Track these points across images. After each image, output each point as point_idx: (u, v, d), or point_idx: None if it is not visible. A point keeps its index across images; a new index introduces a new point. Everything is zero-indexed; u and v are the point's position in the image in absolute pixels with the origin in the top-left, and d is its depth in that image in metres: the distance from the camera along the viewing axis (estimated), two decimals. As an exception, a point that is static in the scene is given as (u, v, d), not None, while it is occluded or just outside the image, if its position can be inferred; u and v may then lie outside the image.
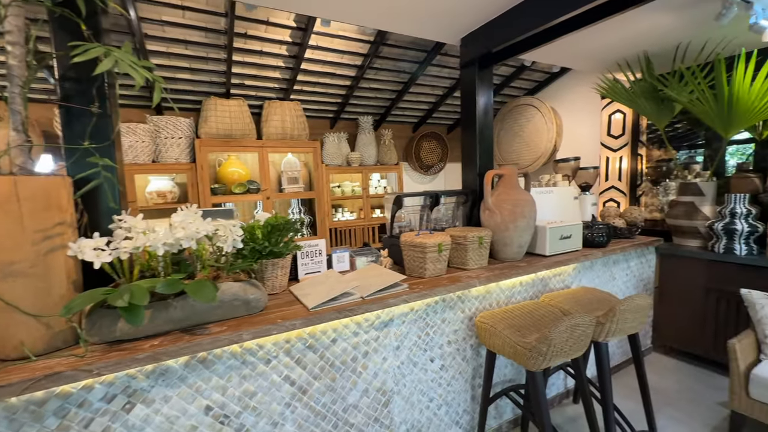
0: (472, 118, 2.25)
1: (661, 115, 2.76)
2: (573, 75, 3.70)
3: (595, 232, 2.35)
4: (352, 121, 4.22)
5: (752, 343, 1.90)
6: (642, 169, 3.27)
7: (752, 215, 2.31)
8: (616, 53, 2.64)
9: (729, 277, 2.35)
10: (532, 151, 4.03)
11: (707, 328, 2.47)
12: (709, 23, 2.05)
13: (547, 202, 2.48)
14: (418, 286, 1.62)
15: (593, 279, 2.35)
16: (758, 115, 2.19)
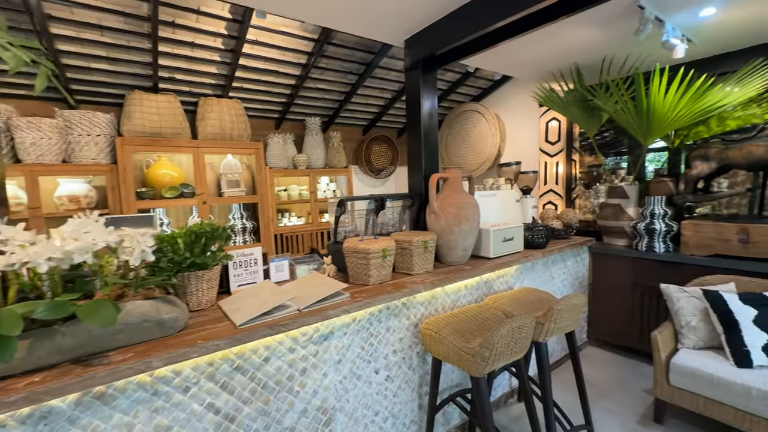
0: (417, 121, 2.23)
1: (591, 124, 2.96)
2: (514, 83, 3.87)
3: (536, 233, 2.43)
4: (298, 122, 4.06)
5: (671, 333, 2.07)
6: (576, 174, 3.49)
7: (668, 216, 2.53)
8: (551, 64, 2.79)
9: (651, 272, 2.56)
10: (478, 156, 4.15)
11: (634, 320, 2.67)
12: (630, 38, 2.22)
13: (490, 205, 2.53)
14: (361, 294, 1.53)
15: (534, 279, 2.43)
16: (671, 125, 2.42)
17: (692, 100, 2.27)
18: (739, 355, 1.81)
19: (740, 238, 2.21)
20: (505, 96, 4.00)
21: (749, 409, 1.67)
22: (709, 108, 2.29)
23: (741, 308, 1.88)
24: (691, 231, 2.40)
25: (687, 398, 1.87)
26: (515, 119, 3.91)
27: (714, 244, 2.31)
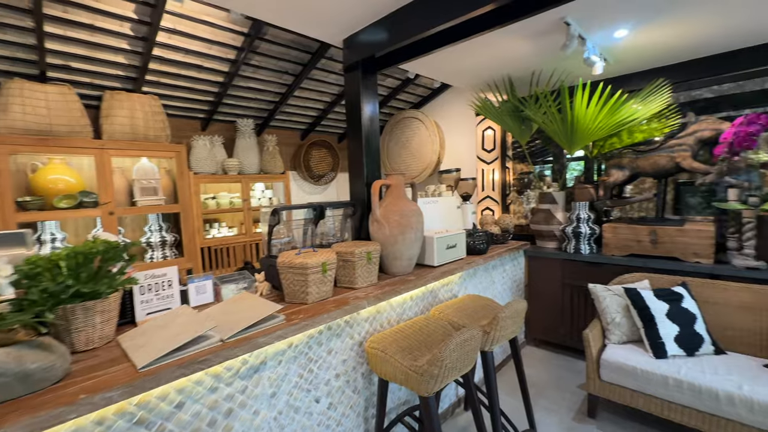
0: (357, 125, 2.12)
1: (523, 133, 3.12)
2: (452, 92, 3.97)
3: (477, 239, 2.46)
4: (228, 124, 3.72)
5: (600, 330, 2.20)
6: (510, 181, 3.67)
7: (591, 220, 2.74)
8: (486, 74, 2.88)
9: (579, 273, 2.73)
10: (419, 163, 4.17)
11: (566, 319, 2.83)
12: (557, 53, 2.36)
13: (433, 212, 2.50)
14: (298, 315, 1.36)
15: (477, 285, 2.44)
16: (592, 136, 2.62)
17: (609, 113, 2.48)
18: (656, 347, 1.97)
19: (651, 239, 2.45)
20: (444, 104, 4.08)
21: (668, 397, 1.82)
22: (623, 121, 2.52)
23: (656, 303, 2.06)
24: (610, 233, 2.62)
25: (617, 392, 1.98)
26: (454, 127, 4.01)
27: (630, 245, 2.54)
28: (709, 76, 2.54)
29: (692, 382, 1.75)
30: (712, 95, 2.56)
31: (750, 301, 2.01)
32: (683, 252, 2.34)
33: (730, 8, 1.88)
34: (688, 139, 2.40)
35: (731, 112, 2.48)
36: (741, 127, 2.05)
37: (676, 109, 2.66)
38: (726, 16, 1.96)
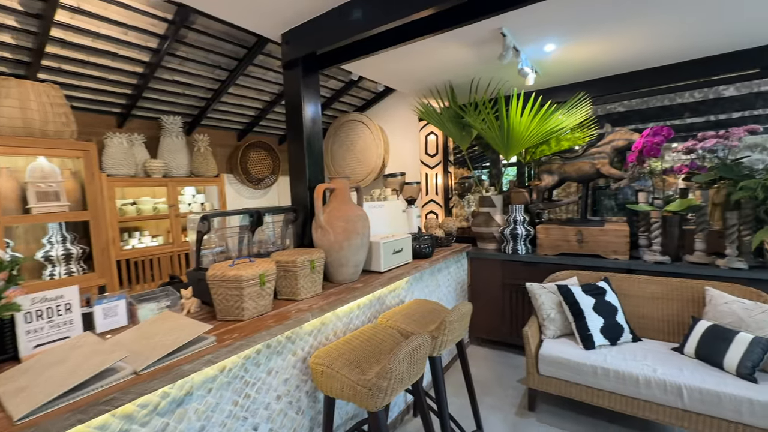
0: (298, 126, 2.00)
1: (463, 139, 3.22)
2: (396, 96, 4.00)
3: (422, 243, 2.46)
4: (151, 121, 3.34)
5: (537, 327, 2.32)
6: (452, 185, 3.77)
7: (526, 222, 2.90)
8: (428, 79, 2.93)
9: (517, 272, 2.88)
10: (364, 166, 4.13)
11: (506, 317, 2.96)
12: (494, 62, 2.47)
13: (379, 217, 2.46)
14: (232, 334, 1.21)
15: (423, 289, 2.44)
16: (526, 143, 2.78)
17: (540, 122, 2.66)
18: (585, 339, 2.13)
19: (578, 238, 2.66)
20: (388, 108, 4.09)
21: (597, 385, 1.96)
22: (552, 129, 2.72)
23: (584, 298, 2.22)
24: (543, 234, 2.80)
25: (553, 384, 2.10)
26: (398, 131, 4.03)
27: (560, 245, 2.73)
28: (621, 92, 2.84)
29: (617, 369, 1.91)
30: (624, 109, 2.87)
31: (658, 292, 2.26)
32: (604, 250, 2.57)
33: (634, 34, 2.11)
34: (606, 148, 2.65)
35: (639, 125, 2.80)
36: (649, 138, 2.31)
37: (595, 120, 2.94)
38: (631, 40, 2.20)
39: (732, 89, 2.49)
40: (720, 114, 2.55)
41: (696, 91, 2.61)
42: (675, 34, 2.16)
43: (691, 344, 1.97)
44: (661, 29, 2.08)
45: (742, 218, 2.17)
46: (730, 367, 1.78)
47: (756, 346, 1.74)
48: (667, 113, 2.71)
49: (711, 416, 1.69)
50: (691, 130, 2.63)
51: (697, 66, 2.54)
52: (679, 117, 2.67)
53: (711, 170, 2.26)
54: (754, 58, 2.38)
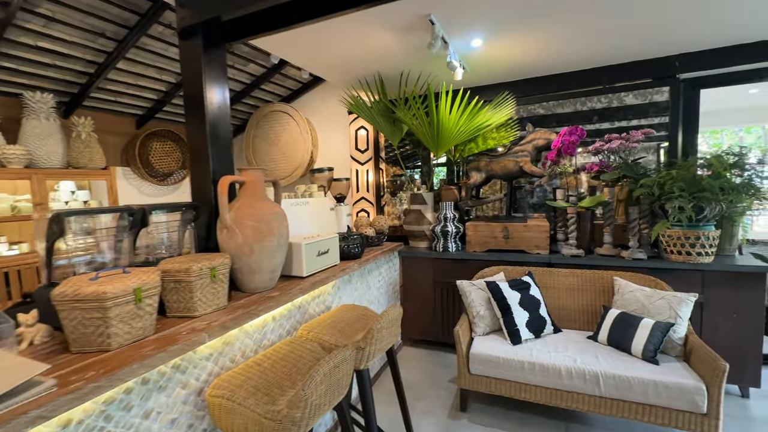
0: (198, 107, 1.68)
1: (394, 134, 3.12)
2: (325, 88, 3.76)
3: (351, 243, 2.28)
4: (9, 98, 2.65)
5: (467, 325, 2.29)
6: (384, 182, 3.66)
7: (456, 219, 2.89)
8: (357, 69, 2.76)
9: (448, 270, 2.85)
10: (289, 161, 3.81)
11: (438, 316, 2.92)
12: (423, 53, 2.38)
13: (303, 215, 2.22)
14: (86, 373, 0.90)
15: (352, 293, 2.27)
16: (455, 139, 2.76)
17: (468, 118, 2.65)
18: (513, 334, 2.14)
19: (504, 234, 2.71)
20: (316, 99, 3.84)
21: (524, 380, 1.97)
22: (479, 126, 2.74)
23: (510, 293, 2.24)
24: (472, 231, 2.81)
25: (484, 383, 2.07)
26: (327, 125, 3.80)
27: (488, 241, 2.76)
28: (540, 94, 2.98)
29: (542, 362, 1.93)
30: (543, 111, 3.02)
31: (575, 284, 2.38)
32: (528, 245, 2.66)
33: (550, 36, 2.19)
34: (528, 146, 2.74)
35: (556, 127, 2.96)
36: (566, 137, 2.42)
37: (517, 121, 3.04)
38: (548, 42, 2.29)
39: (631, 96, 2.75)
40: (623, 120, 2.80)
41: (603, 96, 2.83)
42: (583, 41, 2.28)
43: (603, 332, 2.08)
44: (572, 32, 2.17)
45: (642, 213, 2.38)
46: (637, 352, 1.90)
47: (656, 331, 1.89)
48: (580, 117, 2.90)
49: (623, 400, 1.78)
50: (598, 134, 2.84)
51: (601, 73, 2.75)
52: (590, 121, 2.87)
53: (616, 169, 2.44)
54: (648, 69, 2.64)
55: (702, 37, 2.31)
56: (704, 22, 2.11)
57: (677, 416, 1.70)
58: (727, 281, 2.15)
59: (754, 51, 2.37)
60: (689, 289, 2.19)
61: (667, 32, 2.23)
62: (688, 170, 2.21)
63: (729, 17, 2.05)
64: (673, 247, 2.24)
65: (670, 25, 2.14)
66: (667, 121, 2.66)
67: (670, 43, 2.38)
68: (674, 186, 2.14)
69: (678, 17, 2.04)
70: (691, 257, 2.18)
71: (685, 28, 2.19)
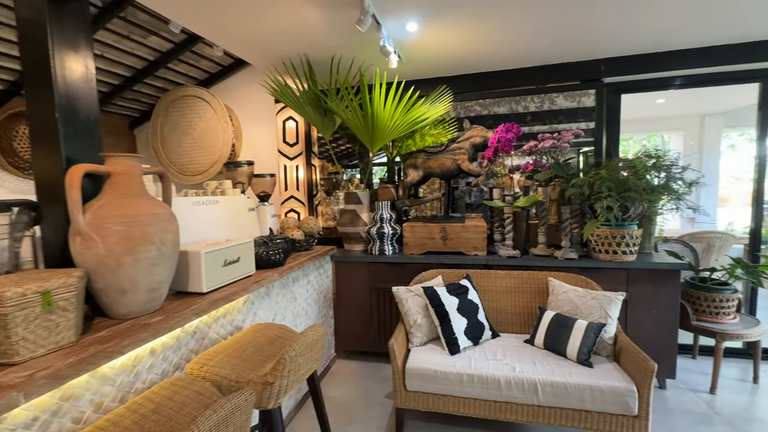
0: (40, 70, 1.24)
1: (326, 127, 2.83)
2: (250, 73, 3.34)
3: (272, 249, 1.96)
4: None
5: (404, 335, 2.09)
6: (317, 180, 3.35)
7: (393, 219, 2.70)
8: (282, 50, 2.42)
9: (384, 275, 2.64)
10: (207, 154, 3.33)
11: (374, 324, 2.69)
12: (354, 36, 2.14)
13: (210, 217, 1.85)
14: None
15: (272, 307, 1.94)
16: (391, 134, 2.56)
17: (404, 111, 2.47)
18: (451, 343, 1.99)
19: (442, 236, 2.57)
20: (240, 85, 3.40)
21: (463, 393, 1.82)
22: (416, 120, 2.57)
23: (448, 299, 2.10)
24: (410, 232, 2.63)
25: (421, 400, 1.88)
26: (252, 114, 3.38)
27: (426, 243, 2.61)
28: (477, 91, 2.91)
29: (481, 374, 1.80)
30: (480, 108, 2.95)
31: (512, 286, 2.31)
32: (466, 246, 2.55)
33: (488, 26, 2.09)
34: (465, 144, 2.64)
35: (492, 125, 2.90)
36: (502, 134, 2.35)
37: (455, 119, 2.95)
38: (485, 32, 2.19)
39: (562, 98, 2.78)
40: (554, 122, 2.82)
41: (536, 97, 2.83)
42: (518, 36, 2.22)
43: (540, 335, 2.02)
44: (506, 25, 2.09)
45: (573, 213, 2.39)
46: (572, 355, 1.86)
47: (590, 332, 1.86)
48: (515, 117, 2.88)
49: (560, 408, 1.71)
50: (532, 136, 2.84)
51: (535, 73, 2.76)
52: (524, 122, 2.86)
53: (549, 169, 2.43)
54: (577, 72, 2.69)
55: (623, 43, 2.38)
56: (624, 29, 2.16)
57: (611, 420, 1.66)
58: (648, 278, 2.22)
59: (667, 59, 2.52)
60: (616, 287, 2.24)
61: (593, 36, 2.26)
62: (615, 170, 2.26)
63: (645, 25, 2.12)
64: (601, 246, 2.27)
65: (594, 30, 2.16)
66: (593, 126, 2.74)
67: (596, 46, 2.43)
68: (603, 186, 2.16)
69: (601, 22, 2.06)
70: (617, 256, 2.22)
71: (608, 34, 2.23)
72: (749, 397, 2.21)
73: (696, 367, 2.56)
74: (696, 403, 2.15)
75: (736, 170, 6.84)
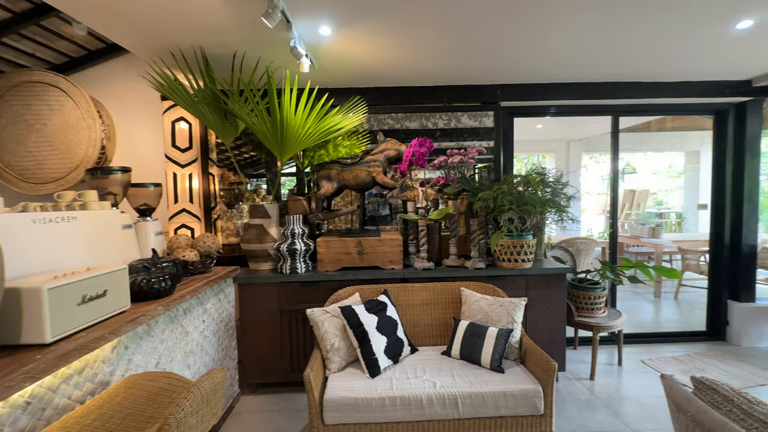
0: None
1: (227, 132, 2.51)
2: (129, 62, 2.79)
3: (154, 275, 1.60)
4: None
5: (320, 363, 1.91)
6: (217, 191, 2.95)
7: (305, 234, 2.50)
8: (171, 38, 2.05)
9: (297, 296, 2.41)
10: (64, 158, 2.65)
11: (287, 351, 2.43)
12: (261, 31, 1.93)
13: (65, 238, 1.42)
14: None
15: (155, 349, 1.57)
16: (302, 143, 2.39)
17: (317, 119, 2.33)
18: (371, 365, 1.88)
19: (358, 250, 2.47)
20: (115, 76, 2.81)
21: (386, 419, 1.72)
22: (330, 130, 2.44)
23: (367, 318, 2.00)
24: (324, 248, 2.47)
25: (341, 434, 1.72)
26: (130, 112, 2.82)
27: (342, 258, 2.48)
28: (390, 105, 2.94)
29: (403, 395, 1.73)
30: (393, 122, 2.98)
31: (428, 298, 2.33)
32: (382, 260, 2.50)
33: (399, 39, 2.12)
34: (380, 156, 2.62)
35: (405, 139, 2.95)
36: (416, 148, 2.38)
37: (368, 133, 2.92)
38: (398, 45, 2.21)
39: (466, 117, 2.98)
40: (460, 140, 3.00)
41: (444, 114, 2.98)
42: (428, 52, 2.30)
43: (456, 346, 2.06)
44: (418, 38, 2.14)
45: (480, 224, 2.54)
46: (486, 363, 1.93)
47: (500, 339, 1.95)
48: (425, 133, 2.98)
49: (479, 418, 1.74)
50: (440, 152, 2.97)
51: (443, 91, 2.91)
52: (434, 137, 2.98)
53: (458, 183, 2.55)
54: (479, 94, 2.92)
55: (515, 72, 2.67)
56: (516, 61, 2.42)
57: (522, 422, 1.75)
58: (542, 283, 2.47)
59: (547, 91, 2.90)
60: (518, 293, 2.43)
61: (492, 63, 2.47)
62: (512, 185, 2.48)
63: (533, 59, 2.40)
64: (504, 255, 2.45)
65: (494, 57, 2.36)
66: (492, 145, 2.99)
67: (494, 73, 2.67)
68: (505, 200, 2.34)
69: (499, 51, 2.26)
70: (518, 264, 2.43)
71: (504, 64, 2.48)
72: (617, 379, 2.61)
73: (578, 357, 2.94)
74: (582, 391, 2.45)
75: (590, 186, 8.41)
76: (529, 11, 1.81)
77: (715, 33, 2.09)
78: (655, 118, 3.67)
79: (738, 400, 0.87)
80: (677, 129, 3.94)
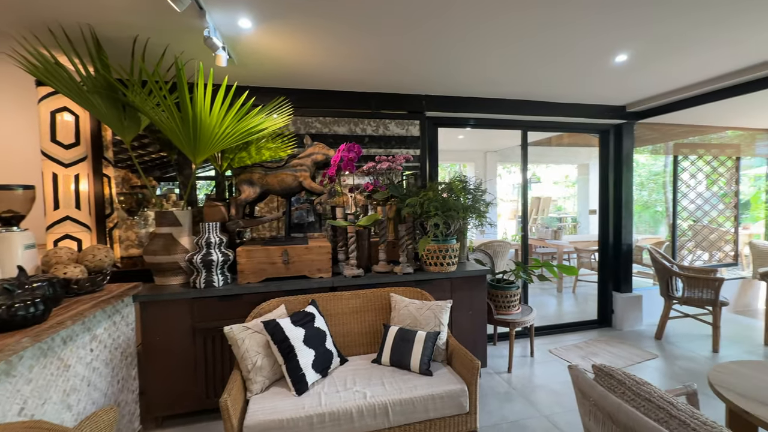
0: None
1: (126, 127, 2.18)
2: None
3: (19, 299, 1.29)
4: None
5: (240, 385, 1.73)
6: (113, 195, 2.54)
7: (224, 244, 2.28)
8: (47, 8, 1.71)
9: (213, 312, 2.18)
10: None
11: (199, 375, 2.17)
12: (170, 16, 1.71)
13: None
14: None
15: (17, 393, 1.26)
16: (220, 143, 2.18)
17: (236, 118, 2.15)
18: (298, 382, 1.77)
19: (284, 259, 2.33)
20: (-37, 53, 2.25)
21: (314, 439, 1.62)
22: (251, 130, 2.27)
23: (294, 331, 1.88)
24: (245, 258, 2.28)
25: (263, 462, 1.57)
26: (-10, 98, 2.29)
27: (265, 269, 2.31)
28: (317, 108, 2.86)
29: (332, 410, 1.65)
30: (321, 126, 2.90)
31: (357, 305, 2.29)
32: (310, 269, 2.39)
33: (326, 43, 2.07)
34: (307, 160, 2.52)
35: (333, 144, 2.89)
36: (344, 153, 2.33)
37: (294, 136, 2.80)
38: (323, 45, 2.16)
39: (394, 125, 3.03)
40: (388, 147, 3.04)
41: (373, 121, 2.99)
42: (358, 56, 2.29)
43: (386, 353, 2.04)
44: (345, 39, 2.12)
45: (408, 230, 2.59)
46: (415, 367, 1.94)
47: (428, 342, 1.99)
48: (354, 138, 2.96)
49: (410, 423, 1.74)
50: (369, 158, 2.98)
51: (371, 98, 2.92)
52: (362, 143, 2.97)
53: (387, 189, 2.57)
54: (405, 103, 3.00)
55: (439, 84, 2.80)
56: (441, 73, 2.54)
57: (450, 422, 1.79)
58: (465, 285, 2.60)
59: (468, 104, 3.10)
60: (444, 296, 2.52)
61: (418, 73, 2.55)
62: (437, 192, 2.58)
63: (456, 74, 2.55)
64: (431, 259, 2.53)
65: (419, 67, 2.45)
66: (419, 153, 3.09)
67: (420, 84, 2.77)
68: (431, 206, 2.42)
69: (424, 62, 2.35)
70: (444, 267, 2.52)
71: (429, 75, 2.58)
72: (530, 369, 2.86)
73: (497, 352, 3.16)
74: (501, 384, 2.63)
75: (503, 193, 9.26)
76: (443, 25, 1.90)
77: (598, 65, 2.45)
78: (555, 134, 4.19)
79: (629, 383, 0.99)
80: (572, 145, 4.59)
